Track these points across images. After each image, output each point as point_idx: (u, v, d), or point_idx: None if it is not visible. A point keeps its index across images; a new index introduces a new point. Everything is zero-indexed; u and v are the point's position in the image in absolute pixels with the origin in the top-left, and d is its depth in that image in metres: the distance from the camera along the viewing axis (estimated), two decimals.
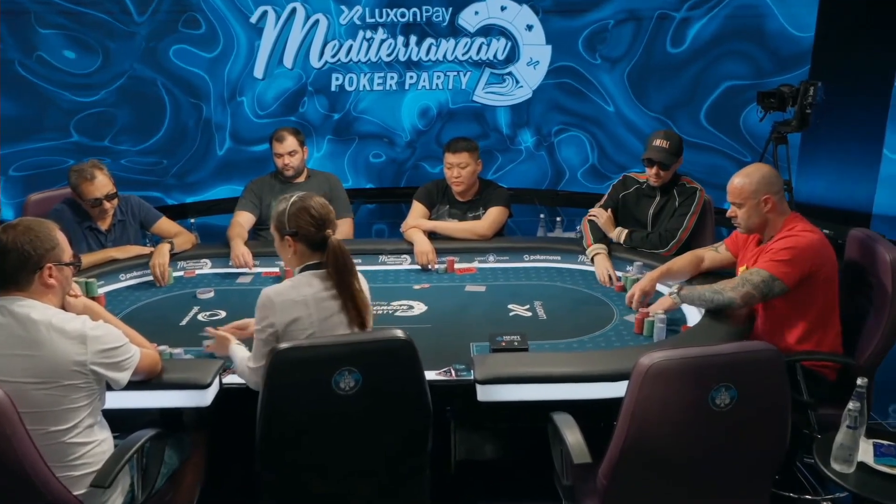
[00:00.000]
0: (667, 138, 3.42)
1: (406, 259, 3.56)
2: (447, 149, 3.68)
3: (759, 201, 2.64)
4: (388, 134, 6.74)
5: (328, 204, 2.29)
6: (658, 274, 2.95)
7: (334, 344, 2.00)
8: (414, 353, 2.01)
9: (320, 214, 2.23)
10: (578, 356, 2.40)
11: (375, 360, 1.99)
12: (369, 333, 2.13)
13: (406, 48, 6.53)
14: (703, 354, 1.84)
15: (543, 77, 6.59)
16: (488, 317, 2.93)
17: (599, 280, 3.27)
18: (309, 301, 2.18)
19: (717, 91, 6.13)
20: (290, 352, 1.96)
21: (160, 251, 3.33)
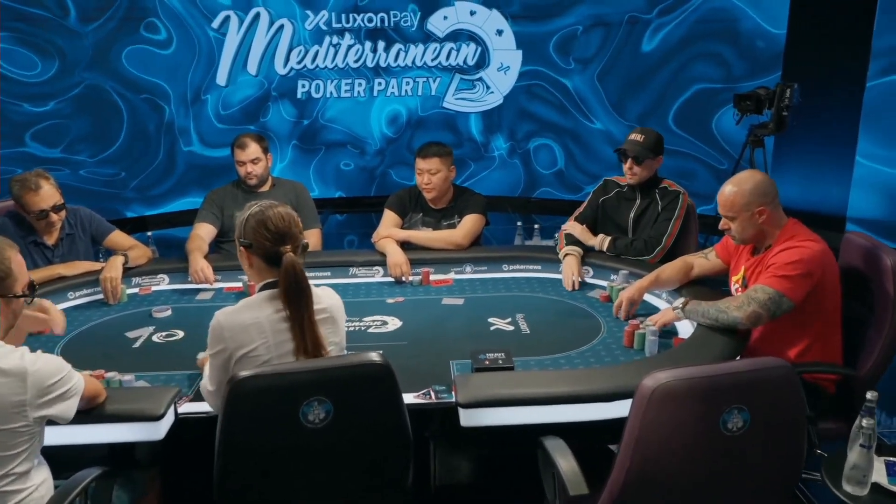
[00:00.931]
0: (642, 133, 3.28)
1: (378, 271, 3.33)
2: (418, 154, 3.47)
3: (752, 213, 2.46)
4: (357, 141, 6.51)
5: (295, 216, 2.03)
6: (647, 283, 2.77)
7: (301, 371, 1.76)
8: (392, 379, 1.79)
9: (278, 227, 1.97)
10: (569, 375, 2.20)
11: (348, 388, 1.76)
12: (341, 358, 1.89)
13: (374, 54, 6.32)
14: (714, 374, 1.65)
15: (514, 82, 6.43)
16: (468, 332, 2.72)
17: (563, 282, 3.12)
18: (264, 325, 1.94)
19: (688, 94, 6.02)
20: (250, 381, 1.72)
21: (112, 264, 3.06)
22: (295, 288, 1.92)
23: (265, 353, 1.93)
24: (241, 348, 1.92)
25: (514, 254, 3.40)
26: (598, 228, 3.39)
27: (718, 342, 2.36)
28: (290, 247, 1.96)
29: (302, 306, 1.92)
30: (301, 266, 1.95)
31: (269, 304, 1.96)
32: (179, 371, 2.40)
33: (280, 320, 1.94)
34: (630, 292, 2.74)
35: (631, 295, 2.72)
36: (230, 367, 1.93)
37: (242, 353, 1.92)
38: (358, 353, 1.82)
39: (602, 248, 3.23)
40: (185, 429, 2.10)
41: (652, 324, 2.53)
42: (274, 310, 1.95)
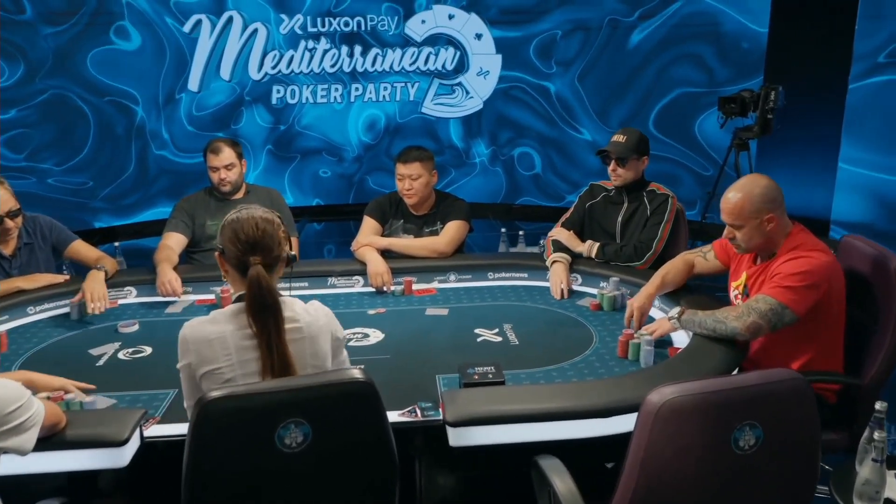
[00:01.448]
0: (625, 133, 3.20)
1: (358, 281, 3.19)
2: (398, 159, 3.34)
3: (761, 220, 2.33)
4: (334, 148, 6.37)
5: (274, 226, 1.86)
6: (654, 289, 2.64)
7: (277, 391, 1.62)
8: (375, 399, 1.65)
9: (248, 236, 1.82)
10: (563, 389, 2.08)
11: (329, 409, 1.62)
12: (320, 376, 1.73)
13: (350, 58, 6.20)
14: (723, 388, 1.53)
15: (494, 87, 6.34)
16: (454, 344, 2.59)
17: (551, 290, 3.01)
18: (228, 341, 1.79)
19: (669, 97, 5.96)
20: (221, 402, 1.57)
21: (95, 278, 2.85)
22: (259, 303, 1.77)
23: (229, 372, 1.79)
24: (204, 364, 1.78)
25: (500, 261, 3.28)
26: (586, 234, 3.29)
27: (717, 353, 2.25)
28: (259, 258, 1.81)
29: (268, 324, 1.77)
30: (268, 280, 1.79)
31: (236, 318, 1.81)
32: (146, 391, 2.25)
33: (245, 337, 1.80)
34: (640, 301, 2.60)
35: (641, 304, 2.58)
36: (197, 382, 1.80)
37: (206, 370, 1.79)
38: (338, 370, 1.69)
39: (590, 254, 3.12)
40: (152, 454, 1.95)
41: (647, 333, 2.42)
42: (239, 325, 1.80)
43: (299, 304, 1.89)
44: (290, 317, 1.83)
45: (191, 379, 1.82)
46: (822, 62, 5.15)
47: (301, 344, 1.83)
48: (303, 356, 1.83)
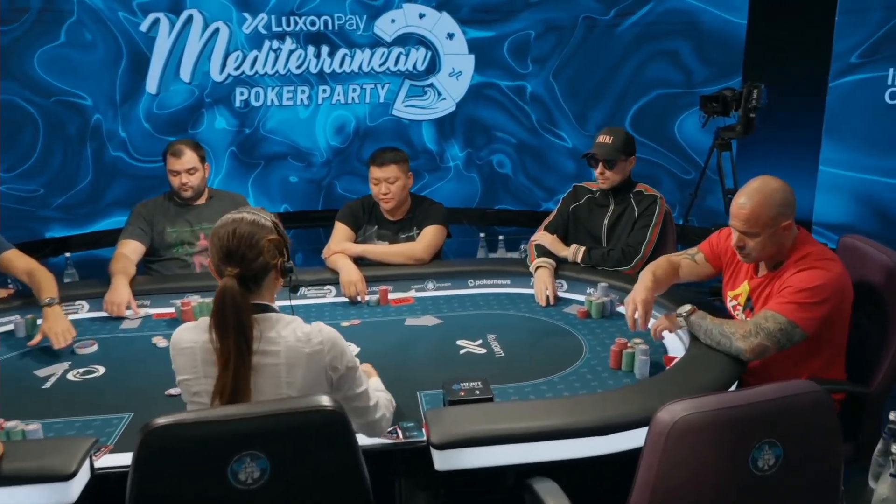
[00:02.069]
0: (611, 133, 3.08)
1: (330, 291, 3.03)
2: (372, 161, 3.19)
3: (777, 228, 2.18)
4: (301, 152, 6.19)
5: (260, 231, 1.69)
6: (651, 282, 2.40)
7: (231, 419, 1.44)
8: (345, 429, 1.49)
9: (223, 243, 1.67)
10: (557, 405, 1.94)
11: (290, 441, 1.45)
12: (282, 402, 1.54)
13: (317, 59, 6.03)
14: (740, 403, 1.41)
15: (467, 88, 6.22)
16: (435, 357, 2.45)
17: (536, 297, 2.88)
18: (196, 352, 1.67)
19: (647, 98, 5.89)
20: (167, 431, 1.40)
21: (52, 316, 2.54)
22: (222, 320, 1.62)
23: (195, 385, 1.70)
24: (179, 373, 1.72)
25: (481, 268, 3.15)
26: (570, 237, 3.18)
27: (718, 363, 2.14)
28: (235, 269, 1.65)
29: (229, 343, 1.62)
30: (236, 295, 1.62)
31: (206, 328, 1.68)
32: (99, 415, 2.07)
33: (212, 352, 1.65)
34: (642, 293, 2.34)
35: (645, 297, 2.33)
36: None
37: (180, 379, 1.72)
38: (303, 397, 1.53)
39: (576, 259, 3.00)
40: (106, 487, 1.77)
41: (641, 341, 2.30)
42: (210, 338, 1.66)
43: (293, 326, 1.71)
44: (270, 338, 1.67)
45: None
46: (802, 59, 5.12)
47: (274, 371, 1.67)
48: (274, 385, 1.66)
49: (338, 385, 1.73)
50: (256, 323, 1.66)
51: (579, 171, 6.06)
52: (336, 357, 1.72)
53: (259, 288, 1.71)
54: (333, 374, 1.72)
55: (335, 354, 1.72)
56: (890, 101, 4.94)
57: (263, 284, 1.72)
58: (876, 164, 4.97)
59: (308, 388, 1.67)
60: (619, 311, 2.79)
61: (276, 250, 1.72)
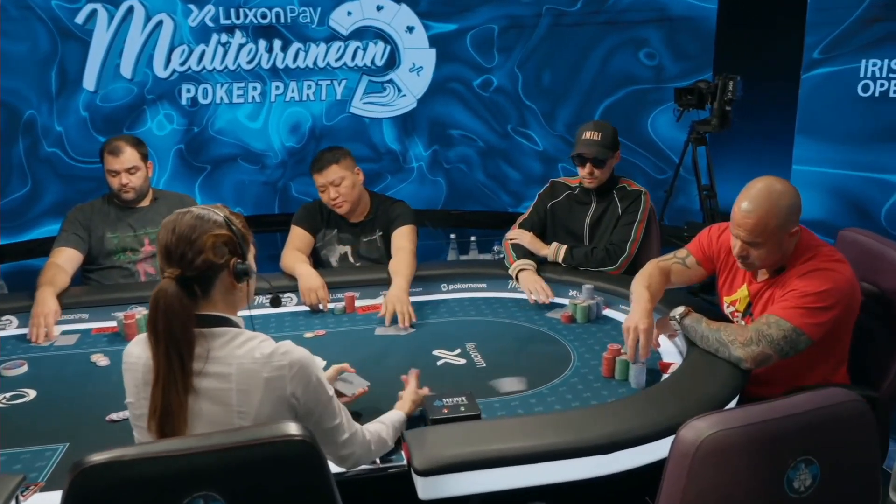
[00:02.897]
0: (598, 129, 2.92)
1: (291, 299, 2.83)
2: (312, 170, 2.98)
3: (783, 236, 2.05)
4: (254, 152, 5.95)
5: (206, 226, 1.49)
6: (649, 303, 2.20)
7: (181, 453, 1.23)
8: (318, 461, 1.30)
9: (162, 241, 1.48)
10: (552, 421, 1.78)
11: (252, 478, 1.26)
12: (243, 432, 1.32)
13: (269, 54, 5.80)
14: (772, 417, 1.27)
15: (429, 84, 6.06)
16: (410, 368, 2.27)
17: (531, 298, 2.73)
18: (138, 370, 1.48)
19: (618, 95, 5.81)
20: (102, 470, 1.20)
21: None
22: (153, 326, 1.43)
23: (137, 409, 1.49)
24: (127, 395, 1.53)
25: (454, 271, 2.98)
26: (549, 236, 3.04)
27: (723, 370, 2.01)
28: (174, 270, 1.46)
29: (158, 354, 1.43)
30: (170, 301, 1.42)
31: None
32: (28, 447, 1.84)
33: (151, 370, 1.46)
34: (644, 321, 2.12)
35: (648, 324, 2.12)
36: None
37: (127, 402, 1.53)
38: (267, 425, 1.33)
39: (557, 258, 2.86)
40: None
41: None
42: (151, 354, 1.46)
43: (251, 345, 1.50)
44: (219, 357, 1.46)
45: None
46: (774, 49, 5.09)
47: (223, 396, 1.45)
48: (223, 413, 1.45)
49: (304, 416, 1.51)
50: (203, 338, 1.46)
51: (546, 171, 5.96)
52: (303, 385, 1.49)
53: (208, 295, 1.50)
54: (297, 403, 1.50)
55: (302, 382, 1.49)
56: (863, 94, 4.93)
57: (213, 290, 1.51)
58: (850, 159, 4.95)
59: (264, 420, 1.46)
60: (605, 314, 2.66)
61: (226, 248, 1.50)
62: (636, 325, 2.13)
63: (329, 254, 3.05)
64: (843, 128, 5.01)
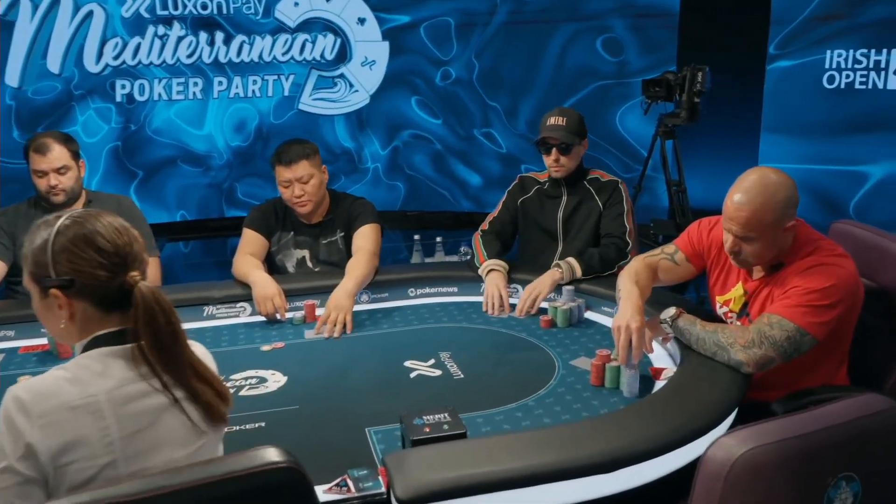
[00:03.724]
0: (563, 114, 2.82)
1: (244, 309, 2.65)
2: (278, 161, 2.78)
3: (779, 231, 1.96)
4: (195, 151, 5.70)
5: (128, 227, 1.35)
6: (640, 300, 2.11)
7: (157, 492, 1.07)
8: (305, 487, 1.16)
9: (116, 245, 1.29)
10: (546, 438, 1.64)
11: None
12: (218, 464, 1.18)
13: (211, 47, 5.56)
14: (810, 430, 1.16)
15: (382, 79, 5.90)
16: (381, 383, 2.13)
17: (484, 304, 2.61)
18: (103, 406, 1.23)
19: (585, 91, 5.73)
20: None
21: None
22: (163, 328, 1.28)
23: (104, 455, 1.22)
24: (65, 453, 1.20)
25: (422, 274, 2.84)
26: (521, 234, 2.94)
27: (724, 374, 1.91)
28: (137, 272, 1.30)
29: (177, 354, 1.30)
30: (163, 295, 1.31)
31: (109, 369, 1.27)
32: None
33: (135, 396, 1.26)
34: (635, 320, 2.02)
35: (640, 323, 2.02)
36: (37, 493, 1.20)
37: (64, 457, 1.20)
38: (245, 453, 1.17)
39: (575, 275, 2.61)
40: None
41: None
42: (120, 379, 1.26)
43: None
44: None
45: (22, 488, 1.19)
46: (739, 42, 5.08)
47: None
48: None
49: None
50: None
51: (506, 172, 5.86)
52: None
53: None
54: None
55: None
56: (828, 86, 4.96)
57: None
58: (817, 152, 4.97)
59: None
60: (587, 317, 2.54)
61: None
62: (627, 324, 2.01)
63: (285, 259, 2.87)
64: (809, 121, 5.03)
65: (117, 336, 1.30)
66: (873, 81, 4.80)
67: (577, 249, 2.77)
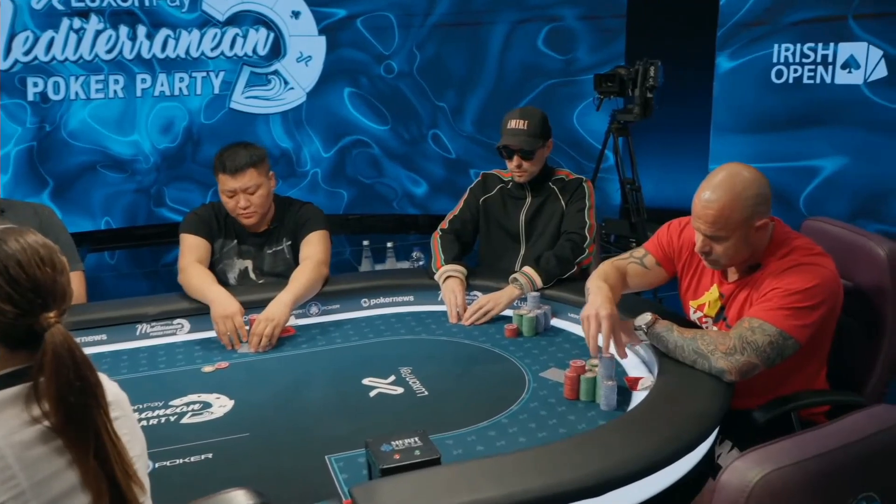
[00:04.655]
0: (524, 116, 2.72)
1: (182, 326, 2.48)
2: (221, 168, 2.58)
3: (750, 229, 1.91)
4: (118, 153, 5.45)
5: (55, 255, 1.20)
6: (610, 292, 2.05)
7: None
8: None
9: (34, 279, 1.14)
10: (527, 460, 1.55)
11: None
12: None
13: (133, 42, 5.34)
14: (829, 448, 1.10)
15: (319, 75, 5.76)
16: (339, 403, 2.01)
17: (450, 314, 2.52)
18: (5, 454, 1.09)
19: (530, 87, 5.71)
20: None
21: None
22: (74, 382, 1.12)
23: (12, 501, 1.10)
24: None
25: (374, 283, 2.71)
26: (482, 233, 2.87)
27: (707, 383, 1.85)
28: (54, 313, 1.15)
29: (90, 410, 1.14)
30: (76, 345, 1.15)
31: (10, 412, 1.12)
32: None
33: (35, 441, 1.12)
34: (607, 307, 1.96)
35: (610, 311, 1.96)
36: None
37: None
38: (213, 498, 1.04)
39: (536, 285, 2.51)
40: None
41: (609, 356, 1.96)
42: (21, 421, 1.12)
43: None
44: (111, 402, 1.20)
45: None
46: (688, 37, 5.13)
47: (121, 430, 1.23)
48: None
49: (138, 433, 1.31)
50: None
51: (449, 175, 5.80)
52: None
53: None
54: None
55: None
56: (776, 80, 5.04)
57: None
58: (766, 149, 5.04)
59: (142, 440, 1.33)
60: (554, 325, 2.47)
61: None
62: (596, 313, 1.96)
63: (227, 269, 2.71)
64: (757, 117, 5.11)
65: (20, 375, 1.15)
66: (821, 76, 4.90)
67: (539, 252, 2.69)
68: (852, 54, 4.69)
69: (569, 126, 5.63)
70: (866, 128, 4.72)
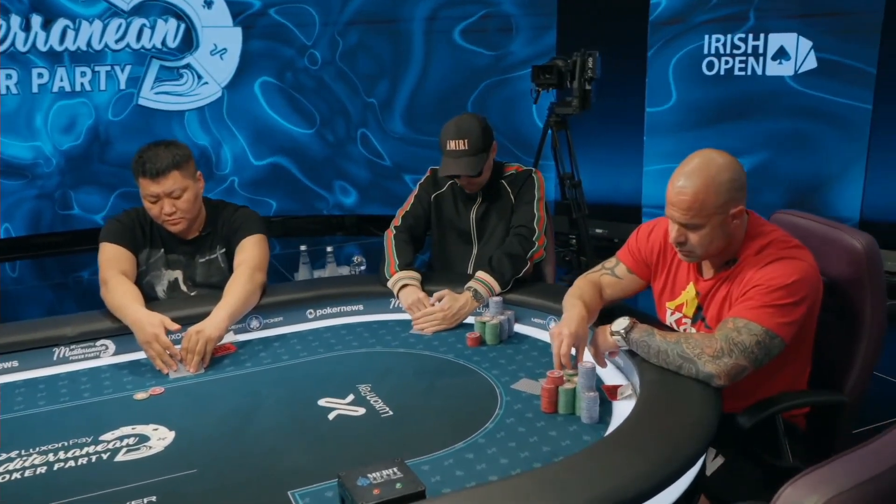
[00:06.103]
0: (461, 135, 2.56)
1: (106, 347, 2.25)
2: (141, 171, 2.35)
3: (726, 217, 1.86)
4: (15, 156, 5.06)
5: None
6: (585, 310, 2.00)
7: None
8: None
9: None
10: (518, 487, 1.42)
11: None
12: None
13: (27, 33, 4.97)
14: (885, 468, 1.01)
15: (236, 69, 5.50)
16: (296, 429, 1.83)
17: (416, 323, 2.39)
18: None
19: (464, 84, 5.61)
20: None
21: None
22: None
23: None
24: None
25: (320, 292, 2.54)
26: (434, 231, 2.77)
27: (694, 389, 1.78)
28: None
29: None
30: None
31: None
32: None
33: None
34: (574, 324, 1.93)
35: (576, 329, 1.92)
36: None
37: None
38: None
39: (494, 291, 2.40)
40: None
41: (589, 365, 1.85)
42: None
43: None
44: None
45: None
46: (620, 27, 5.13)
47: None
48: None
49: None
50: None
51: (374, 178, 5.65)
52: None
53: None
54: None
55: None
56: (708, 72, 5.09)
57: None
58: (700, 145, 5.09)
59: None
60: (517, 331, 2.36)
61: None
62: (564, 330, 1.92)
63: (154, 280, 2.48)
64: (691, 108, 5.16)
65: None
66: (752, 67, 4.97)
67: (491, 252, 2.58)
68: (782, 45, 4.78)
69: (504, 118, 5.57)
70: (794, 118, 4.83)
